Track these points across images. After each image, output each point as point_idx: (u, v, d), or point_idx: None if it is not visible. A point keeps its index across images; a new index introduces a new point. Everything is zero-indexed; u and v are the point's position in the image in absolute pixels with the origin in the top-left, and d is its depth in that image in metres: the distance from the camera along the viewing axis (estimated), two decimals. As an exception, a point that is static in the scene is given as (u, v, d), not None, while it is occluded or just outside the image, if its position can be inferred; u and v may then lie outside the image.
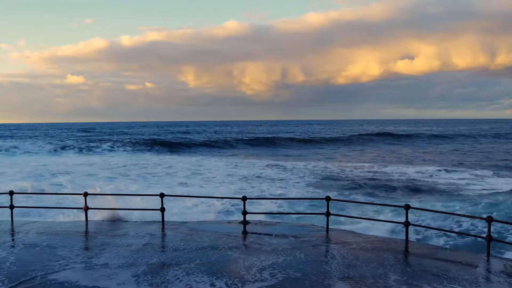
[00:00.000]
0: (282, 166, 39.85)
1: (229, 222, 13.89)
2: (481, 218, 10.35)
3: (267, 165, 40.08)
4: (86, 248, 10.51)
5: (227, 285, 7.75)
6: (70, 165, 40.38)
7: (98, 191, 17.08)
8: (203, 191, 25.29)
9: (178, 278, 8.11)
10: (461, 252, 10.69)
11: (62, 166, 39.73)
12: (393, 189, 27.76)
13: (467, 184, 29.54)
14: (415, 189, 27.67)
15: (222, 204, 20.27)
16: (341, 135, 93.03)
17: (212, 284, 7.78)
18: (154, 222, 13.25)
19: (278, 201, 21.37)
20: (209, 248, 10.19)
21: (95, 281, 8.01)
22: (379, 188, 28.04)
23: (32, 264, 9.02)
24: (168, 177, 32.65)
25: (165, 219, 13.24)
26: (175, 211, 17.41)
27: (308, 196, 24.98)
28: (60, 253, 9.81)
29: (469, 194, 25.39)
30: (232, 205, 20.05)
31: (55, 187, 26.43)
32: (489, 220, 9.61)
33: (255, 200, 20.34)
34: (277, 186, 28.49)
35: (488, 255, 9.74)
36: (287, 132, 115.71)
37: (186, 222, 13.48)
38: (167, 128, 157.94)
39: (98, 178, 31.49)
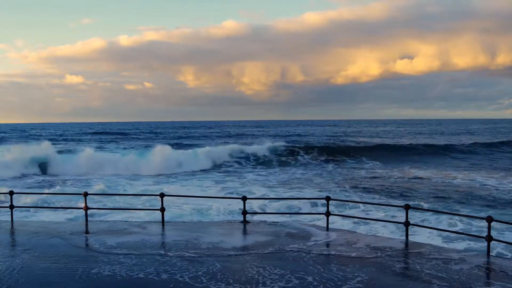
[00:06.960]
0: None
1: (229, 222, 13.90)
2: (481, 218, 10.35)
3: None
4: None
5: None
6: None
7: None
8: None
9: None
10: (461, 252, 10.68)
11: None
12: None
13: None
14: None
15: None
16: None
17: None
18: (155, 222, 13.26)
19: (280, 201, 21.38)
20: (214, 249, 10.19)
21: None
22: None
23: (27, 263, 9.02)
24: None
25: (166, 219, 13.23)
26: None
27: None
28: (61, 253, 9.82)
29: None
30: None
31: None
32: (489, 220, 9.60)
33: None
34: None
35: (488, 255, 9.74)
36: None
37: (185, 222, 13.49)
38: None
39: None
